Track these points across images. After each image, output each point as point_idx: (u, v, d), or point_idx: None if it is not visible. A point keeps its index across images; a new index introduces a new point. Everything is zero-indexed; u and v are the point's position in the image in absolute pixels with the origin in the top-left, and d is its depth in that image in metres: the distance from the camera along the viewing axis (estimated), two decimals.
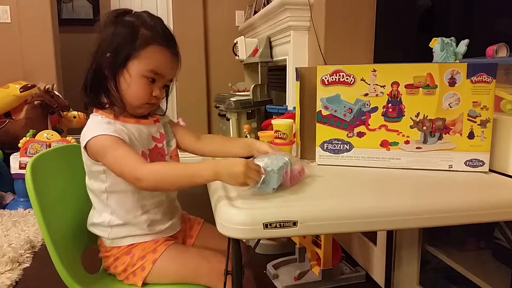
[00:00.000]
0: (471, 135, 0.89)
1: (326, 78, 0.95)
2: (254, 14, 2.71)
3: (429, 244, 1.33)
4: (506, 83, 0.98)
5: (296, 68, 1.03)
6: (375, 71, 0.91)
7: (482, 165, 0.90)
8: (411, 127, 0.92)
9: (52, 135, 2.47)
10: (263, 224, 0.65)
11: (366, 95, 0.93)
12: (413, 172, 0.91)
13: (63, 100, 2.86)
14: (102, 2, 4.01)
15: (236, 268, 0.72)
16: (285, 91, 2.19)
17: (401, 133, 0.92)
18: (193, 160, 0.80)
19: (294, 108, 1.15)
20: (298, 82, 1.03)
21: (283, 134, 1.04)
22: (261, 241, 0.77)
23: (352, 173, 0.92)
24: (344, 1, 1.84)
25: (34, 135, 2.46)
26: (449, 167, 0.91)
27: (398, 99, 0.91)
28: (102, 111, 0.88)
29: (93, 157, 0.84)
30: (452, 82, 0.88)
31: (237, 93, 2.61)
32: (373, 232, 1.52)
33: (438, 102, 0.90)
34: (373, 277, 1.57)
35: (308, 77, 1.02)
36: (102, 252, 0.94)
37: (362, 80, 0.92)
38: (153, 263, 0.88)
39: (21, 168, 2.37)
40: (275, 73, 2.47)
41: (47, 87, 2.76)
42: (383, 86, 0.91)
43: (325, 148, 0.98)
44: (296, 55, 2.04)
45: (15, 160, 2.40)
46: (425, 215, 0.71)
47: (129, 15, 0.87)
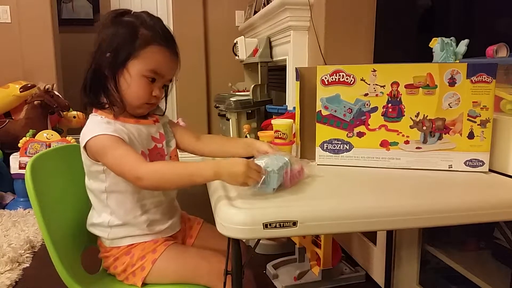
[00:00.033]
0: (471, 135, 0.89)
1: (326, 78, 0.94)
2: (254, 14, 2.71)
3: (429, 244, 1.33)
4: (506, 83, 0.98)
5: (296, 68, 1.03)
6: (375, 71, 0.91)
7: (482, 165, 0.90)
8: (411, 127, 0.92)
9: (52, 135, 2.47)
10: (263, 224, 0.65)
11: (366, 95, 0.93)
12: (413, 172, 0.91)
13: (63, 100, 2.86)
14: (102, 2, 4.01)
15: (236, 268, 0.72)
16: (285, 91, 2.19)
17: (401, 133, 0.92)
18: (192, 160, 0.80)
19: (294, 108, 1.15)
20: (298, 82, 1.03)
21: (283, 134, 1.04)
22: (261, 241, 0.77)
23: (352, 173, 0.92)
24: (344, 1, 1.84)
25: (34, 135, 2.46)
26: (449, 167, 0.91)
27: (398, 99, 0.91)
28: (101, 111, 0.88)
29: (93, 157, 0.84)
30: (452, 82, 0.88)
31: (237, 93, 2.61)
32: (373, 232, 1.52)
33: (438, 102, 0.90)
34: (373, 277, 1.57)
35: (308, 77, 1.02)
36: (102, 253, 0.94)
37: (362, 80, 0.92)
38: (152, 263, 0.88)
39: (21, 168, 2.37)
40: (275, 73, 2.47)
41: (47, 87, 2.76)
42: (383, 86, 0.91)
43: (325, 148, 0.98)
44: (296, 55, 2.04)
45: (15, 160, 2.40)
46: (425, 215, 0.71)
47: (128, 15, 0.88)
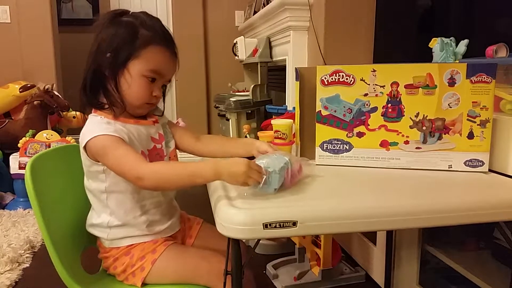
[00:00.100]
0: (470, 135, 0.89)
1: (325, 78, 0.94)
2: (254, 14, 2.71)
3: (429, 244, 1.33)
4: (506, 83, 0.98)
5: (295, 68, 1.03)
6: (374, 71, 0.91)
7: (482, 165, 0.90)
8: (410, 127, 0.92)
9: (51, 135, 2.47)
10: (263, 224, 0.65)
11: (366, 95, 0.93)
12: (413, 172, 0.91)
13: (63, 100, 2.86)
14: (102, 2, 4.01)
15: (235, 268, 0.72)
16: (284, 91, 2.19)
17: (400, 133, 0.92)
18: (192, 161, 0.80)
19: (294, 108, 1.15)
20: (298, 82, 1.03)
21: (283, 134, 1.04)
22: (260, 241, 0.77)
23: (352, 173, 0.92)
24: (343, 1, 1.84)
25: (33, 135, 2.46)
26: (448, 167, 0.91)
27: (398, 99, 0.91)
28: (101, 111, 0.88)
29: (93, 157, 0.84)
30: (452, 82, 0.88)
31: (236, 93, 2.61)
32: (373, 232, 1.52)
33: (438, 102, 0.90)
34: (372, 277, 1.57)
35: (307, 77, 1.02)
36: (101, 253, 0.94)
37: (362, 80, 0.92)
38: (152, 264, 0.88)
39: (20, 168, 2.37)
40: (274, 73, 2.47)
41: (46, 87, 2.76)
42: (383, 86, 0.91)
43: (324, 148, 0.98)
44: (295, 55, 2.04)
45: (14, 160, 2.40)
46: (425, 215, 0.71)
47: (127, 15, 0.88)
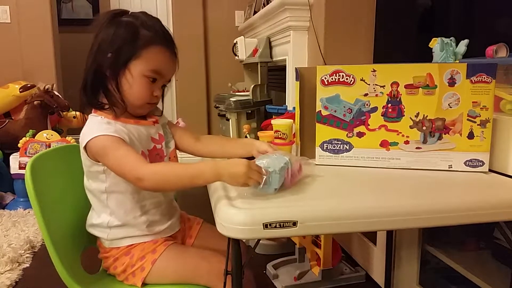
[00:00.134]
0: (470, 135, 0.89)
1: (325, 78, 0.94)
2: (254, 14, 2.71)
3: (429, 244, 1.33)
4: (506, 83, 0.98)
5: (296, 68, 1.03)
6: (374, 71, 0.91)
7: (482, 165, 0.90)
8: (410, 127, 0.92)
9: (51, 135, 2.47)
10: (263, 224, 0.65)
11: (366, 95, 0.93)
12: (413, 172, 0.91)
13: (63, 100, 2.86)
14: (102, 2, 4.01)
15: (236, 268, 0.72)
16: (284, 91, 2.19)
17: (400, 133, 0.92)
18: (192, 161, 0.80)
19: (294, 108, 1.15)
20: (298, 82, 1.03)
21: (283, 134, 1.04)
22: (261, 241, 0.77)
23: (352, 173, 0.92)
24: (343, 1, 1.84)
25: (33, 135, 2.46)
26: (448, 167, 0.91)
27: (398, 99, 0.91)
28: (101, 111, 0.88)
29: (93, 157, 0.84)
30: (452, 82, 0.88)
31: (236, 93, 2.61)
32: (373, 232, 1.52)
33: (438, 102, 0.90)
34: (373, 277, 1.57)
35: (307, 77, 1.02)
36: (102, 253, 0.94)
37: (362, 80, 0.92)
38: (152, 264, 0.88)
39: (20, 168, 2.37)
40: (274, 73, 2.47)
41: (46, 87, 2.76)
42: (383, 86, 0.91)
43: (324, 148, 0.98)
44: (295, 55, 2.04)
45: (14, 160, 2.40)
46: (425, 215, 0.71)
47: (126, 15, 0.87)
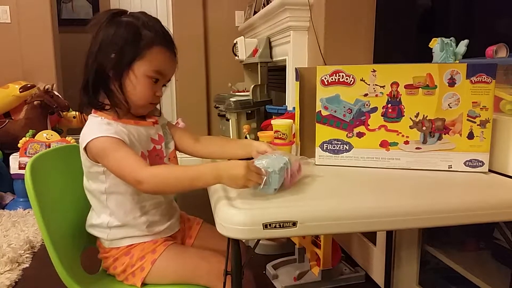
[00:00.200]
0: (470, 136, 0.89)
1: (325, 78, 0.94)
2: (254, 14, 2.71)
3: (429, 245, 1.33)
4: (506, 84, 0.98)
5: (295, 68, 1.03)
6: (374, 71, 0.91)
7: (482, 166, 0.90)
8: (410, 127, 0.92)
9: (51, 135, 2.47)
10: (262, 224, 0.65)
11: (366, 95, 0.93)
12: (413, 173, 0.91)
13: (63, 100, 2.86)
14: (102, 2, 4.01)
15: (235, 268, 0.72)
16: (284, 91, 2.19)
17: (400, 133, 0.92)
18: (192, 161, 0.80)
19: (294, 108, 1.15)
20: (298, 82, 1.03)
21: (283, 134, 1.04)
22: (260, 242, 0.77)
23: (352, 174, 0.92)
24: (343, 1, 1.84)
25: (33, 135, 2.46)
26: (448, 168, 0.91)
27: (398, 99, 0.91)
28: (101, 112, 0.88)
29: (93, 158, 0.84)
30: (452, 83, 0.88)
31: (236, 93, 2.61)
32: (373, 232, 1.52)
33: (438, 103, 0.90)
34: (372, 278, 1.57)
35: (307, 77, 1.02)
36: (101, 253, 0.94)
37: (362, 80, 0.92)
38: (152, 264, 0.88)
39: (20, 168, 2.37)
40: (274, 73, 2.47)
41: (46, 87, 2.76)
42: (383, 87, 0.91)
43: (324, 149, 0.97)
44: (295, 55, 2.04)
45: (14, 160, 2.40)
46: (425, 216, 0.71)
47: (125, 15, 0.87)
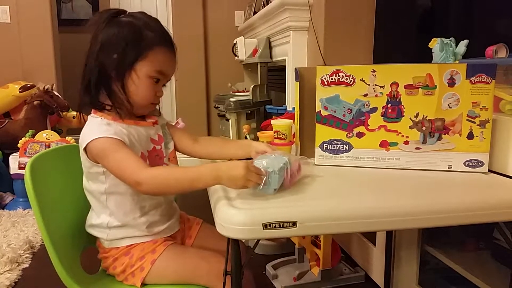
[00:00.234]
0: (470, 136, 0.89)
1: (325, 78, 0.94)
2: (254, 14, 2.71)
3: (428, 245, 1.33)
4: (505, 84, 0.98)
5: (295, 69, 1.03)
6: (374, 71, 0.91)
7: (481, 166, 0.90)
8: (410, 127, 0.92)
9: (51, 135, 2.47)
10: (262, 224, 0.65)
11: (366, 95, 0.93)
12: (413, 173, 0.91)
13: (63, 100, 2.86)
14: (102, 2, 4.02)
15: (235, 268, 0.72)
16: (284, 91, 2.19)
17: (400, 133, 0.92)
18: (191, 162, 0.80)
19: (294, 108, 1.15)
20: (298, 82, 1.03)
21: (283, 134, 1.04)
22: (260, 242, 0.77)
23: (352, 174, 0.92)
24: (343, 2, 1.84)
25: (33, 135, 2.46)
26: (448, 168, 0.91)
27: (398, 99, 0.91)
28: (101, 112, 0.88)
29: (93, 159, 0.84)
30: (452, 83, 0.88)
31: (236, 93, 2.61)
32: (373, 232, 1.52)
33: (438, 103, 0.90)
34: (372, 278, 1.57)
35: (307, 77, 1.02)
36: (101, 253, 0.94)
37: (362, 80, 0.92)
38: (152, 264, 0.88)
39: (20, 168, 2.37)
40: (274, 74, 2.47)
41: (46, 87, 2.76)
42: (383, 87, 0.91)
43: (324, 149, 0.97)
44: (295, 55, 2.04)
45: (14, 160, 2.40)
46: (425, 216, 0.71)
47: (125, 15, 0.87)
